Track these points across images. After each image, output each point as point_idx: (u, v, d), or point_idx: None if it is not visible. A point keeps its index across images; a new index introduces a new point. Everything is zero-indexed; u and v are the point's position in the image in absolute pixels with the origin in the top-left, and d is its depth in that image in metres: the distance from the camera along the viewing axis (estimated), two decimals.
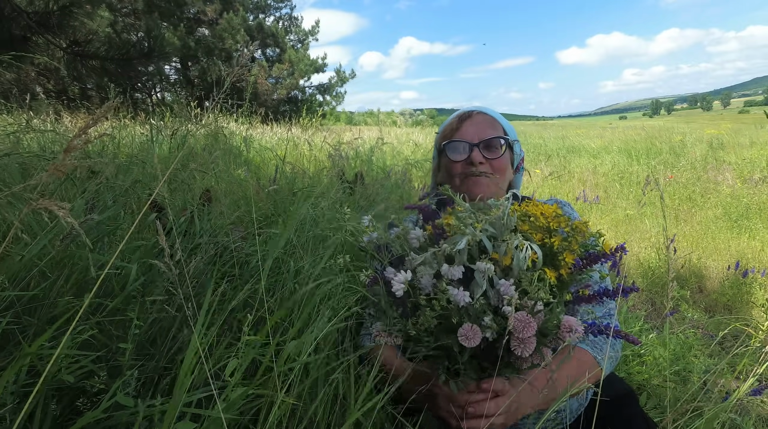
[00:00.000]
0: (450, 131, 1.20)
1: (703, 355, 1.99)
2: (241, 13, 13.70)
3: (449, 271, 0.74)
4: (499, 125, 1.20)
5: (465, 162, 1.15)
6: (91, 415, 0.65)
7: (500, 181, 1.16)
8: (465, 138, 1.16)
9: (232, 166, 2.79)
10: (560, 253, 0.77)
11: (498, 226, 0.77)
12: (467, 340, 0.71)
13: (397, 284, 0.75)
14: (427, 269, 0.77)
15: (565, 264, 0.76)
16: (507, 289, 0.72)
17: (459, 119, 1.20)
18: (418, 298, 0.75)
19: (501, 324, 0.72)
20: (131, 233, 1.19)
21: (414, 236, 0.85)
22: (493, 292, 0.74)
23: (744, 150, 8.71)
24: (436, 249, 0.77)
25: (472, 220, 0.77)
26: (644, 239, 4.09)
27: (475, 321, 0.73)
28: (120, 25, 9.81)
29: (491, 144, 1.15)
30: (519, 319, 0.70)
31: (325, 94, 16.29)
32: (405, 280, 0.75)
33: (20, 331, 0.79)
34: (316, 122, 7.57)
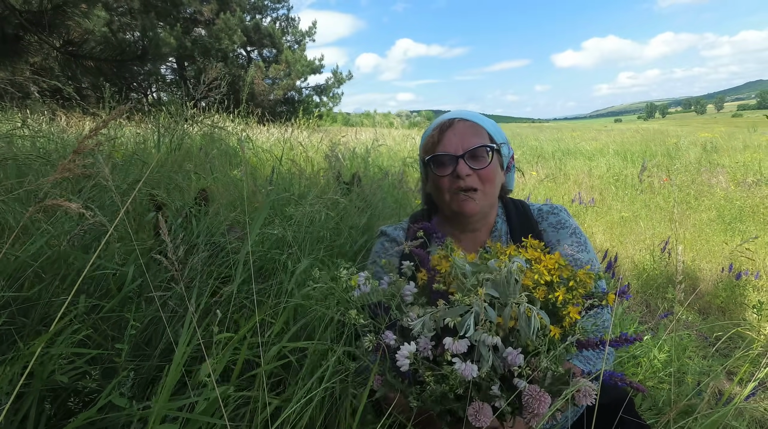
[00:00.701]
0: (432, 144, 1.12)
1: (698, 357, 2.00)
2: (238, 14, 13.68)
3: (453, 346, 0.70)
4: (482, 130, 1.12)
5: (451, 176, 1.09)
6: (85, 415, 0.65)
7: (490, 190, 1.11)
8: (448, 150, 1.08)
9: (228, 166, 2.78)
10: (563, 308, 0.74)
11: (501, 289, 0.73)
12: (476, 419, 0.69)
13: (402, 359, 0.71)
14: (426, 333, 0.74)
15: (570, 319, 0.74)
16: (515, 359, 0.69)
17: (440, 130, 1.12)
18: (419, 363, 0.73)
19: (510, 395, 0.71)
20: (128, 235, 1.19)
21: (408, 292, 0.81)
22: (499, 358, 0.71)
23: (737, 153, 8.79)
24: (434, 311, 0.73)
25: (473, 282, 0.74)
26: (639, 241, 4.11)
27: (483, 397, 0.71)
28: (116, 24, 9.77)
29: (476, 154, 1.08)
30: (532, 396, 0.67)
31: (321, 95, 16.30)
32: (410, 353, 0.72)
33: (16, 332, 0.79)
34: (312, 123, 7.56)
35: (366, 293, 0.82)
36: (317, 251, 1.39)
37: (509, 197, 1.24)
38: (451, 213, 1.12)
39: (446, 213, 1.15)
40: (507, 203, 1.21)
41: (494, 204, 1.17)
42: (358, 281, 0.82)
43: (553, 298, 0.75)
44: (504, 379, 0.73)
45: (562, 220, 1.15)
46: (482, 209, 1.10)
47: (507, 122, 47.89)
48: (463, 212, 1.09)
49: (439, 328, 0.74)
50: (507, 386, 0.72)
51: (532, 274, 0.76)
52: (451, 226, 1.19)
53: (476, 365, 0.70)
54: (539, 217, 1.18)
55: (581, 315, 0.76)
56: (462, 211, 1.09)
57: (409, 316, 0.76)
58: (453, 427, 0.76)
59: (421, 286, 0.83)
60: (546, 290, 0.75)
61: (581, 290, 0.76)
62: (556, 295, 0.74)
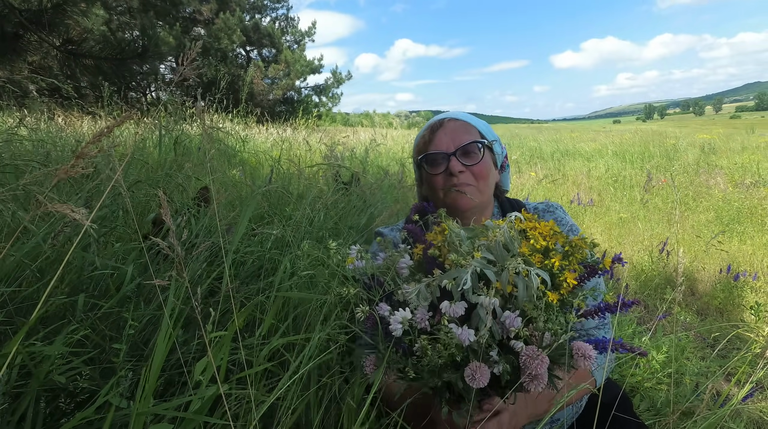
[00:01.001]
0: (423, 144, 1.14)
1: (696, 358, 2.01)
2: (237, 13, 13.67)
3: (450, 309, 0.69)
4: (473, 129, 1.14)
5: (444, 173, 1.10)
6: (82, 414, 0.65)
7: (484, 187, 1.12)
8: (440, 148, 1.10)
9: (227, 166, 2.78)
10: (560, 274, 0.74)
11: (497, 253, 0.72)
12: (474, 380, 0.67)
13: (395, 324, 0.70)
14: (422, 302, 0.73)
15: (567, 285, 0.73)
16: (513, 322, 0.68)
17: (431, 130, 1.14)
18: (415, 335, 0.72)
19: (510, 360, 0.69)
20: (127, 234, 1.19)
21: (404, 265, 0.80)
22: (497, 323, 0.70)
23: (735, 155, 8.82)
24: (430, 279, 0.72)
25: (468, 247, 0.73)
26: (637, 243, 4.12)
27: (481, 359, 0.69)
28: (115, 23, 9.75)
29: (468, 150, 1.10)
30: (530, 356, 0.66)
31: (321, 95, 16.29)
32: (404, 319, 0.71)
33: (13, 332, 0.78)
34: (311, 123, 7.56)
35: (360, 268, 0.81)
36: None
37: (506, 197, 1.24)
38: (446, 209, 1.13)
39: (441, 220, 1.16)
40: (503, 202, 1.22)
41: (489, 202, 1.17)
42: (350, 253, 0.81)
43: (549, 264, 0.74)
44: (502, 346, 0.71)
45: (558, 217, 1.15)
46: (477, 205, 1.10)
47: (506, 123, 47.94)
48: (457, 207, 1.09)
49: (435, 297, 0.73)
50: (505, 352, 0.71)
51: (527, 242, 0.75)
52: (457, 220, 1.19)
53: (473, 330, 0.69)
54: (535, 215, 1.18)
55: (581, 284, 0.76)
56: (456, 206, 1.09)
57: (404, 288, 0.75)
58: (452, 406, 0.75)
59: (416, 262, 0.82)
60: (542, 257, 0.75)
61: (577, 255, 0.75)
62: (552, 261, 0.74)
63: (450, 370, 0.72)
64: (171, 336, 0.68)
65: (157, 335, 0.89)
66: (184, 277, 0.68)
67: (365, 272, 0.82)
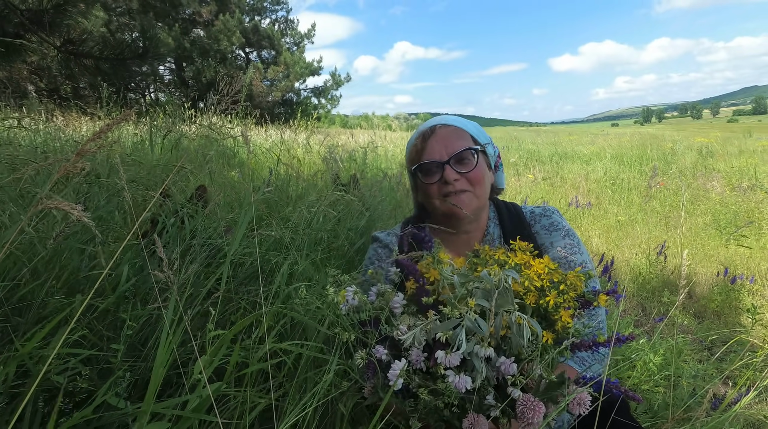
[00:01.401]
0: (416, 153, 1.12)
1: (693, 361, 2.01)
2: (236, 15, 13.69)
3: (446, 359, 0.69)
4: (465, 133, 1.12)
5: (439, 182, 1.08)
6: (81, 414, 0.65)
7: (480, 191, 1.11)
8: (433, 157, 1.08)
9: (225, 167, 2.78)
10: (555, 312, 0.74)
11: (492, 299, 0.72)
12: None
13: (393, 377, 0.71)
14: (416, 345, 0.73)
15: (562, 322, 0.74)
16: (508, 369, 0.69)
17: (422, 138, 1.12)
18: (412, 379, 0.73)
19: (506, 410, 0.70)
20: (123, 235, 1.18)
21: (397, 304, 0.81)
22: (491, 369, 0.71)
23: (733, 158, 8.85)
24: (425, 324, 0.73)
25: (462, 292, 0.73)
26: (635, 245, 4.13)
27: (477, 408, 0.71)
28: (114, 24, 9.76)
29: (462, 157, 1.08)
30: (526, 405, 0.67)
31: (320, 96, 16.32)
32: (402, 369, 0.71)
33: (11, 331, 0.78)
34: (311, 125, 7.56)
35: (354, 306, 0.81)
36: (315, 253, 1.39)
37: (502, 200, 1.24)
38: (443, 216, 1.13)
39: (437, 216, 1.15)
40: (499, 206, 1.21)
41: (485, 205, 1.17)
42: (346, 296, 0.81)
43: (544, 303, 0.74)
44: (498, 387, 0.72)
45: (554, 222, 1.15)
46: (473, 210, 1.10)
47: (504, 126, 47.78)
48: (453, 214, 1.09)
49: (430, 339, 0.73)
50: (501, 394, 0.72)
51: (522, 280, 0.76)
52: (444, 229, 1.19)
53: (469, 377, 0.70)
54: (531, 219, 1.18)
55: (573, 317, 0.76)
56: (453, 213, 1.09)
57: (400, 329, 0.75)
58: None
59: (409, 296, 0.83)
60: (537, 295, 0.75)
61: (572, 293, 0.76)
62: (547, 299, 0.74)
63: (447, 411, 0.72)
64: (171, 342, 0.68)
65: (156, 335, 0.89)
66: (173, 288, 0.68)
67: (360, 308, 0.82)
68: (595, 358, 1.04)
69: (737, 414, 1.72)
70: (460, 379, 0.69)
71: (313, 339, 0.92)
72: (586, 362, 1.03)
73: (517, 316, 0.69)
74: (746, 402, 1.05)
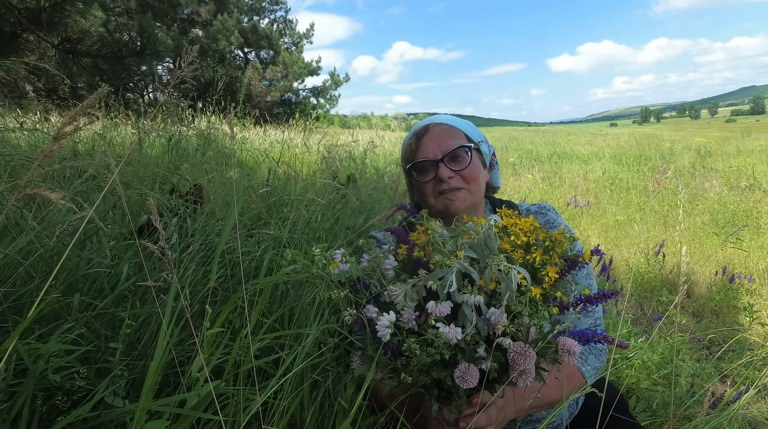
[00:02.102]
0: (410, 152, 1.14)
1: (691, 360, 2.01)
2: (235, 15, 13.68)
3: (437, 308, 0.70)
4: (459, 132, 1.13)
5: (434, 180, 1.09)
6: (78, 412, 0.64)
7: (475, 189, 1.11)
8: (427, 156, 1.09)
9: (224, 167, 2.78)
10: (542, 268, 0.75)
11: (480, 251, 0.73)
12: (464, 381, 0.69)
13: (382, 329, 0.71)
14: (408, 303, 0.73)
15: (549, 279, 0.75)
16: (498, 318, 0.69)
17: (416, 137, 1.13)
18: (403, 335, 0.73)
19: (497, 356, 0.70)
20: (122, 233, 1.18)
21: (389, 266, 0.81)
22: (482, 320, 0.71)
23: (731, 158, 8.87)
24: (416, 280, 0.73)
25: (452, 246, 0.74)
26: (633, 245, 4.14)
27: (469, 358, 0.71)
28: (113, 24, 9.75)
29: (456, 155, 1.09)
30: (517, 352, 0.67)
31: (319, 96, 16.31)
32: (390, 322, 0.71)
33: (7, 331, 0.78)
34: (309, 125, 7.56)
35: (345, 271, 0.82)
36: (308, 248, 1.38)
37: (498, 198, 1.24)
38: (438, 213, 1.13)
39: (433, 214, 1.15)
40: (495, 204, 1.22)
41: (481, 203, 1.17)
42: (334, 257, 0.82)
43: (531, 259, 0.75)
44: (489, 342, 0.72)
45: (550, 219, 1.15)
46: (468, 206, 1.10)
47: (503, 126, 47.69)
48: (448, 211, 1.09)
49: (421, 298, 0.74)
50: (491, 346, 0.72)
51: (508, 238, 0.77)
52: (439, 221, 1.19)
53: (460, 327, 0.70)
54: (527, 217, 1.18)
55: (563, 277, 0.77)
56: (448, 211, 1.09)
57: (390, 289, 0.75)
58: (442, 402, 0.75)
59: (401, 262, 0.83)
60: (523, 253, 0.76)
61: (558, 250, 0.77)
62: (533, 256, 0.75)
63: (439, 368, 0.73)
64: (168, 338, 0.68)
65: (153, 333, 0.89)
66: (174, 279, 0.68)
67: (351, 275, 0.83)
68: (593, 352, 1.04)
69: (737, 413, 1.72)
70: (451, 329, 0.69)
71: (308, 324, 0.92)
72: (583, 356, 1.03)
73: (506, 265, 0.70)
74: (745, 400, 1.05)
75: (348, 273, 0.82)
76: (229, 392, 0.78)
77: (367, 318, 0.76)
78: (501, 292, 0.71)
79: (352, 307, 0.78)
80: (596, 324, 1.06)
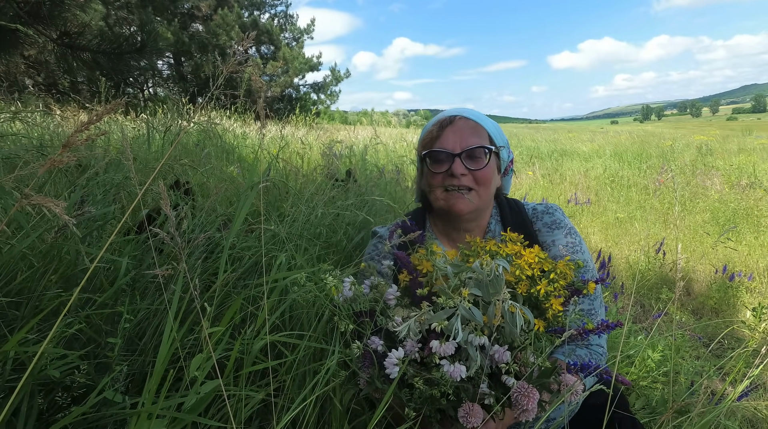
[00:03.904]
0: (430, 140, 1.09)
1: (691, 357, 2.02)
2: (235, 10, 13.61)
3: (441, 348, 0.70)
4: (483, 131, 1.09)
5: (446, 173, 1.06)
6: (79, 410, 0.64)
7: (484, 192, 1.08)
8: (445, 147, 1.06)
9: (224, 163, 2.77)
10: (546, 300, 0.75)
11: (484, 288, 0.73)
12: (468, 421, 0.69)
13: (390, 366, 0.71)
14: (411, 336, 0.74)
15: (552, 310, 0.75)
16: (502, 356, 0.69)
17: (440, 126, 1.09)
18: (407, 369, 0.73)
19: (500, 392, 0.71)
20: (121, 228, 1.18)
21: (391, 296, 0.81)
22: (485, 357, 0.72)
23: (732, 156, 8.85)
24: (419, 315, 0.73)
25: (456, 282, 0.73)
26: (633, 242, 4.13)
27: (472, 397, 0.71)
28: (113, 18, 9.70)
29: (474, 154, 1.05)
30: (521, 392, 0.68)
31: (319, 92, 16.25)
32: (399, 359, 0.72)
33: (6, 325, 0.78)
34: (309, 120, 7.54)
35: (349, 298, 0.81)
36: (314, 248, 1.38)
37: (505, 197, 1.23)
38: (441, 211, 1.12)
39: (437, 209, 1.14)
40: (502, 203, 1.19)
41: (488, 206, 1.15)
42: (343, 287, 0.81)
43: (535, 291, 0.75)
44: (492, 375, 0.73)
45: (557, 219, 1.14)
46: (474, 209, 1.08)
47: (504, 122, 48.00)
48: (452, 210, 1.07)
49: (424, 330, 0.74)
50: (495, 382, 0.73)
51: (513, 270, 0.77)
52: (444, 224, 1.18)
53: (464, 366, 0.70)
54: (534, 216, 1.16)
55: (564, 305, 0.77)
56: (452, 210, 1.07)
57: (394, 320, 0.75)
58: (444, 425, 0.75)
59: (403, 288, 0.82)
60: (528, 284, 0.76)
61: (562, 282, 0.77)
62: (538, 288, 0.75)
63: (443, 400, 0.73)
64: (174, 333, 0.68)
65: (155, 328, 0.89)
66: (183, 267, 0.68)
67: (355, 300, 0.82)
68: (593, 357, 1.04)
69: (733, 408, 1.72)
70: (455, 368, 0.69)
71: (311, 330, 0.92)
72: (583, 360, 1.03)
73: (510, 304, 0.70)
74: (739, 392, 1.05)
75: (352, 300, 0.82)
76: (229, 391, 0.78)
77: (372, 349, 0.76)
78: (505, 329, 0.71)
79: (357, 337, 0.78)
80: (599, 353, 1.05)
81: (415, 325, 0.73)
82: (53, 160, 0.49)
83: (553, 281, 0.77)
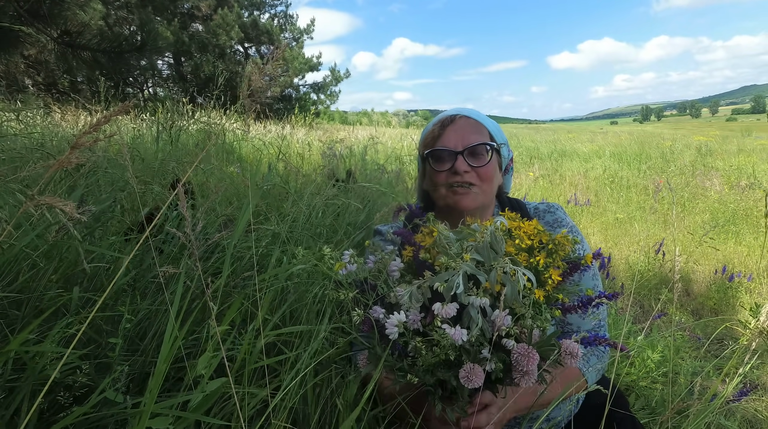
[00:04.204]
0: (431, 139, 1.11)
1: (690, 358, 2.02)
2: (235, 10, 13.61)
3: (443, 310, 0.70)
4: (484, 129, 1.11)
5: (449, 171, 1.07)
6: (80, 410, 0.64)
7: (487, 189, 1.10)
8: (448, 145, 1.08)
9: (224, 162, 2.77)
10: (545, 271, 0.76)
11: (485, 254, 0.73)
12: (469, 381, 0.69)
13: (391, 327, 0.72)
14: (414, 304, 0.74)
15: (552, 281, 0.75)
16: (503, 320, 0.69)
17: (441, 125, 1.11)
18: (409, 336, 0.73)
19: (501, 357, 0.71)
20: (123, 229, 1.18)
21: (395, 268, 0.81)
22: (487, 322, 0.72)
23: (732, 157, 8.87)
24: (421, 282, 0.73)
25: (457, 249, 0.74)
26: (633, 243, 4.14)
27: (474, 359, 0.71)
28: (113, 18, 9.69)
29: (476, 151, 1.07)
30: (521, 353, 0.68)
31: (319, 92, 16.25)
32: (399, 322, 0.72)
33: (7, 325, 0.78)
34: (309, 121, 7.54)
35: (352, 271, 0.82)
36: (315, 247, 1.38)
37: (506, 196, 1.23)
38: (446, 208, 1.12)
39: (441, 208, 1.14)
40: (503, 202, 1.20)
41: (491, 204, 1.16)
42: (343, 259, 0.82)
43: (534, 262, 0.76)
44: (493, 343, 0.73)
45: (558, 218, 1.14)
46: (479, 206, 1.09)
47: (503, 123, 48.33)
48: (457, 207, 1.07)
49: (426, 299, 0.74)
50: (496, 351, 0.73)
51: (512, 241, 0.77)
52: (446, 223, 1.18)
53: (465, 329, 0.70)
54: (535, 215, 1.17)
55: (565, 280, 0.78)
56: (457, 206, 1.07)
57: (396, 291, 0.76)
58: (445, 402, 0.76)
59: (407, 263, 0.83)
60: (527, 256, 0.77)
61: (561, 253, 0.77)
62: (537, 259, 0.76)
63: (443, 369, 0.73)
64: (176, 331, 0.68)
65: (157, 327, 0.89)
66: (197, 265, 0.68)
67: (357, 276, 0.83)
68: (595, 354, 1.04)
69: (732, 410, 1.72)
70: (456, 330, 0.70)
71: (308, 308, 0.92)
72: (585, 357, 1.03)
73: (511, 268, 0.70)
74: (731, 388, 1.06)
75: (355, 274, 0.82)
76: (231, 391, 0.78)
77: (374, 318, 0.76)
78: (506, 294, 0.71)
79: (359, 307, 0.78)
80: (600, 325, 1.06)
81: (417, 292, 0.74)
82: (62, 161, 0.49)
83: (551, 252, 0.78)
